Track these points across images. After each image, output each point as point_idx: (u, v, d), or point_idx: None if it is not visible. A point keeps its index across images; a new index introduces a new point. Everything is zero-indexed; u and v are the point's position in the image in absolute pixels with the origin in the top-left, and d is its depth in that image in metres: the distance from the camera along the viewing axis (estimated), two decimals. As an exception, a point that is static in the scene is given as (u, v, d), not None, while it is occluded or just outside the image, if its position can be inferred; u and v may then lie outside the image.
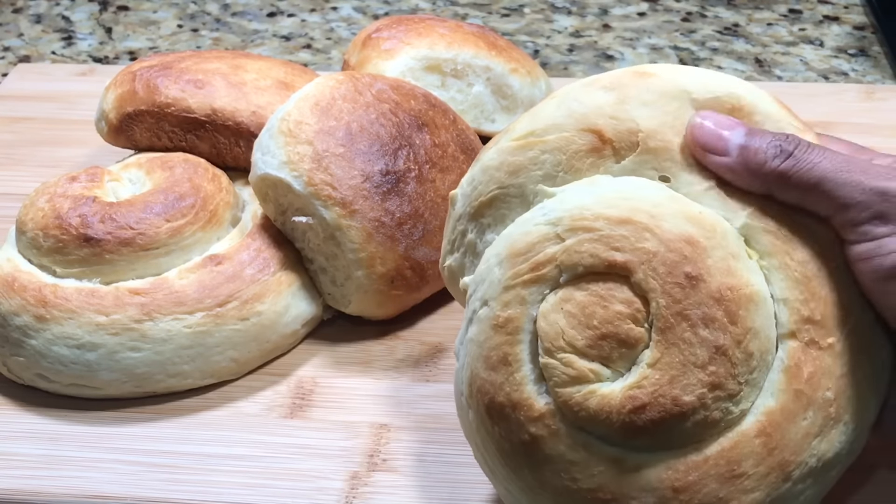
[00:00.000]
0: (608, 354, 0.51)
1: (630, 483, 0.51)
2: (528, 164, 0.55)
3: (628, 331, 0.51)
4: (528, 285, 0.53)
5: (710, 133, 0.53)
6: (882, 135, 0.87)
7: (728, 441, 0.51)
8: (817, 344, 0.52)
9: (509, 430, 0.52)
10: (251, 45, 1.10)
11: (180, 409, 0.65)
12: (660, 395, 0.50)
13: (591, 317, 0.52)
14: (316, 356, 0.69)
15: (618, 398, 0.51)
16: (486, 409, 0.53)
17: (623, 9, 1.15)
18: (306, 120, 0.66)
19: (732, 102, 0.55)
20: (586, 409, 0.51)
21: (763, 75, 1.02)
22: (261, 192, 0.68)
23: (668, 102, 0.55)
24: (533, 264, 0.53)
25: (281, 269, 0.68)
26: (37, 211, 0.68)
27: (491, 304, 0.54)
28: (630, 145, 0.54)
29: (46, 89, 0.95)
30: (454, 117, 0.72)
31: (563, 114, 0.55)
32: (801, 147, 0.52)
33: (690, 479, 0.51)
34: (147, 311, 0.64)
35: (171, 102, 0.74)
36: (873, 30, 1.09)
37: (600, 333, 0.51)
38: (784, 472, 0.51)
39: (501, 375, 0.53)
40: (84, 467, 0.62)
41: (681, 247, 0.51)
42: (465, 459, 0.61)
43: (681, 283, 0.51)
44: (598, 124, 0.54)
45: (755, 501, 0.51)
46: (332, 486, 0.60)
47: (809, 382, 0.51)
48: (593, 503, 0.51)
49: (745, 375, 0.51)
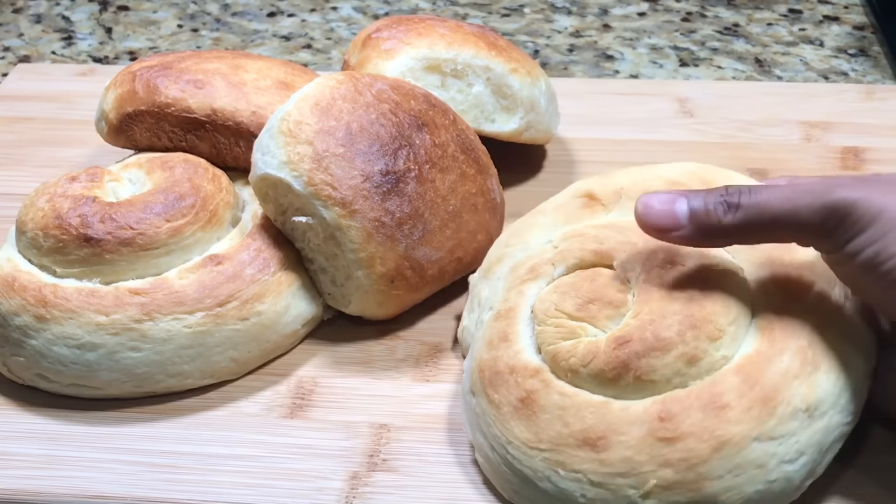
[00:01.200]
0: (595, 315, 0.58)
1: (618, 420, 0.55)
2: (531, 226, 0.67)
3: (613, 294, 0.59)
4: (527, 282, 0.62)
5: (658, 214, 0.56)
6: (882, 135, 0.87)
7: (710, 379, 0.55)
8: (787, 308, 0.57)
9: (508, 392, 0.58)
10: (251, 45, 1.10)
11: (180, 409, 0.65)
12: (641, 330, 0.56)
13: (579, 288, 0.60)
14: (316, 356, 0.69)
15: (603, 342, 0.57)
16: (489, 381, 0.59)
17: (623, 9, 1.15)
18: (306, 120, 0.66)
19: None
20: (574, 354, 0.57)
21: (763, 75, 1.02)
22: (261, 192, 0.68)
23: (640, 171, 0.67)
24: (531, 267, 0.63)
25: (281, 269, 0.68)
26: (37, 211, 0.68)
27: (494, 306, 0.63)
28: (616, 198, 0.65)
29: (46, 89, 0.95)
30: (454, 117, 0.72)
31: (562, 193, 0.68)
32: (744, 194, 0.54)
33: (675, 410, 0.54)
34: (147, 311, 0.64)
35: (171, 102, 0.74)
36: (873, 30, 1.09)
37: (588, 298, 0.59)
38: (767, 406, 0.54)
39: (501, 350, 0.59)
40: (84, 467, 0.62)
41: (659, 243, 0.59)
42: (465, 459, 0.61)
43: (659, 264, 0.59)
44: (589, 189, 0.67)
45: (741, 434, 0.53)
46: (331, 486, 0.60)
47: (782, 332, 0.56)
48: (584, 443, 0.55)
49: (722, 323, 0.56)
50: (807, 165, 0.84)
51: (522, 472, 0.56)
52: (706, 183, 0.63)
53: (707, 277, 0.58)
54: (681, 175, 0.65)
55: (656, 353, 0.55)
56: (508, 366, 0.58)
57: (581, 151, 0.86)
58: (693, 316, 0.56)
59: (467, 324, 0.67)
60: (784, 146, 0.86)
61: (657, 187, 0.64)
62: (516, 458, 0.56)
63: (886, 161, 0.84)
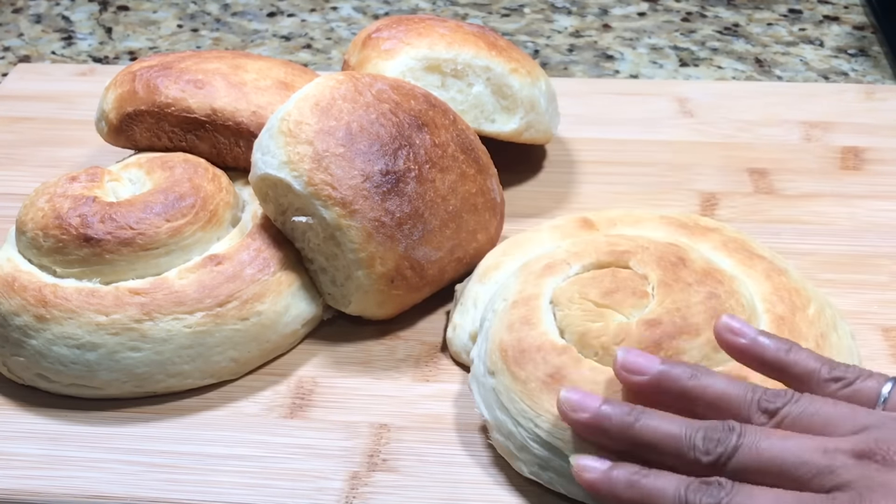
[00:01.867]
0: (620, 302, 0.60)
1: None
2: (528, 240, 0.69)
3: (636, 285, 0.61)
4: (544, 277, 0.64)
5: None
6: (882, 135, 0.87)
7: (734, 364, 0.57)
8: (792, 316, 0.61)
9: (535, 368, 0.59)
10: (251, 45, 1.10)
11: (180, 409, 0.65)
12: (671, 315, 0.59)
13: (602, 282, 0.62)
14: (316, 356, 0.69)
15: (634, 324, 0.59)
16: (514, 359, 0.60)
17: (623, 9, 1.15)
18: (306, 120, 0.66)
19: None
20: (605, 334, 0.59)
21: (763, 75, 1.02)
22: (261, 192, 0.68)
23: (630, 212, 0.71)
24: (547, 265, 0.65)
25: (281, 269, 0.68)
26: (37, 211, 0.68)
27: (508, 297, 0.64)
28: (610, 225, 0.69)
29: (46, 89, 0.95)
30: (454, 117, 0.72)
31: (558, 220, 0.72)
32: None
33: None
34: (147, 311, 0.64)
35: (171, 102, 0.74)
36: (873, 30, 1.09)
37: (612, 288, 0.61)
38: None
39: (524, 331, 0.61)
40: (84, 467, 0.62)
41: (669, 245, 0.63)
42: (465, 459, 0.61)
43: (673, 262, 0.62)
44: (584, 216, 0.70)
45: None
46: (332, 486, 0.60)
47: (791, 335, 0.59)
48: None
49: (741, 317, 0.58)
50: (807, 165, 0.84)
51: (552, 444, 0.57)
52: (687, 231, 0.67)
53: (719, 279, 0.61)
54: (668, 223, 0.69)
55: (686, 336, 0.58)
56: (534, 345, 0.60)
57: (581, 151, 0.86)
58: (715, 308, 0.59)
59: (460, 321, 0.67)
60: (784, 146, 0.86)
61: (649, 221, 0.68)
62: (547, 431, 0.57)
63: (886, 161, 0.84)
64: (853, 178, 0.82)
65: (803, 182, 0.82)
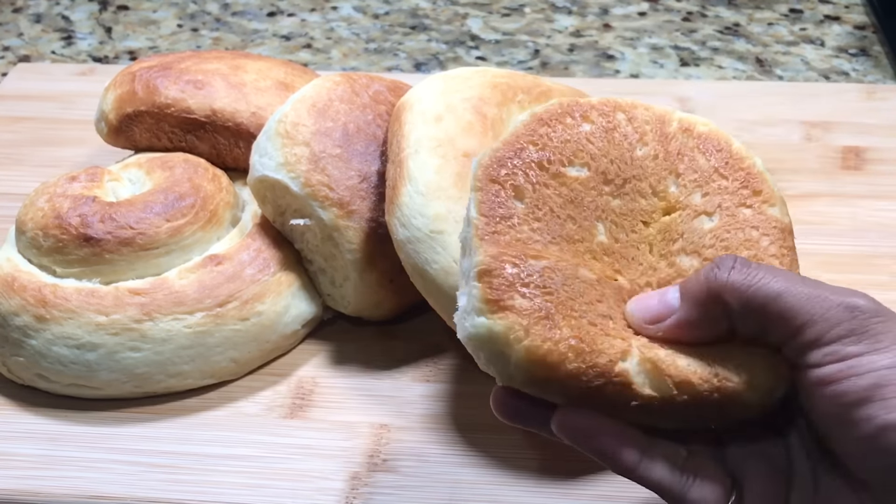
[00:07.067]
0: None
1: None
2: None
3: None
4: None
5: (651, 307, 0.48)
6: (882, 135, 0.87)
7: None
8: None
9: None
10: (251, 45, 1.10)
11: (180, 409, 0.65)
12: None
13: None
14: (316, 356, 0.69)
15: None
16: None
17: (623, 8, 1.15)
18: (303, 121, 0.66)
19: None
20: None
21: (764, 75, 1.02)
22: (259, 193, 0.68)
23: None
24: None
25: (281, 270, 0.68)
26: (37, 211, 0.68)
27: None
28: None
29: (46, 89, 0.95)
30: (454, 117, 0.72)
31: None
32: (750, 265, 0.48)
33: None
34: (147, 311, 0.64)
35: (171, 103, 0.73)
36: (874, 29, 1.09)
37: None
38: None
39: None
40: (84, 467, 0.62)
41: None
42: (465, 460, 0.61)
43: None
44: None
45: None
46: (332, 487, 0.60)
47: None
48: None
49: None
50: (807, 165, 0.84)
51: None
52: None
53: None
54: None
55: None
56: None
57: (581, 151, 0.86)
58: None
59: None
60: (784, 146, 0.86)
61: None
62: None
63: (887, 161, 0.84)
64: (854, 177, 0.82)
65: (804, 182, 0.82)
